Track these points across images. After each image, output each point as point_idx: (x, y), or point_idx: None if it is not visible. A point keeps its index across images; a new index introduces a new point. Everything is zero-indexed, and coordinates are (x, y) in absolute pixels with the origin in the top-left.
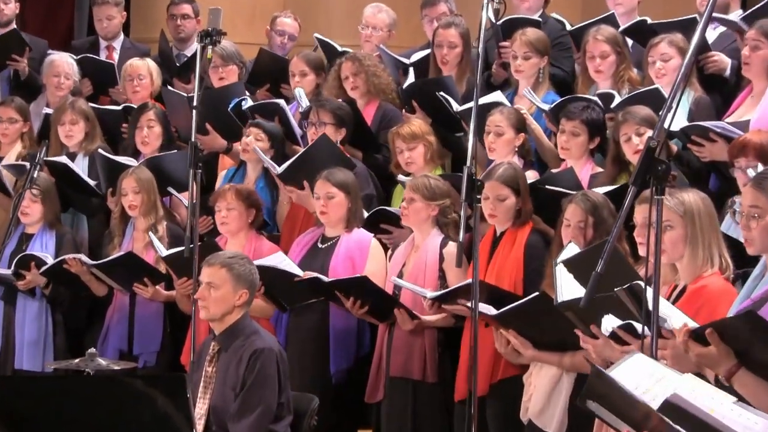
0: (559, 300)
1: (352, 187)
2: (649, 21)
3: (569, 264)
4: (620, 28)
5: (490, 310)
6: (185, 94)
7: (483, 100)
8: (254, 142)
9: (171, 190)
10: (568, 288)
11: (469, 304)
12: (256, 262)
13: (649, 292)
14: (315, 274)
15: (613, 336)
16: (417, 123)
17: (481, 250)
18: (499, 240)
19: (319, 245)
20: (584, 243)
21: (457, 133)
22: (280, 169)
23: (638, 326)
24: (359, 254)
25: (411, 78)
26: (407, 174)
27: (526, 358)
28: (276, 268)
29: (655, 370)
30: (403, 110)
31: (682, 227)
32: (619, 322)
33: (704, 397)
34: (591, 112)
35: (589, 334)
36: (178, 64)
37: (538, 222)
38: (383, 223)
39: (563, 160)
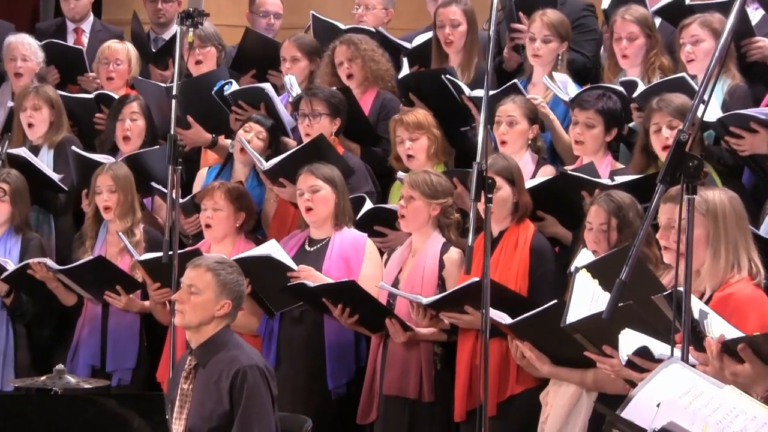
0: (567, 320)
1: (339, 182)
2: (687, 1)
3: (592, 269)
4: (653, 8)
5: (504, 318)
6: (163, 84)
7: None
8: (255, 140)
9: (155, 185)
10: (576, 306)
11: (477, 312)
12: (247, 253)
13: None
14: (310, 269)
15: (630, 364)
16: (423, 112)
17: (478, 254)
18: (498, 241)
19: (307, 248)
20: (608, 248)
21: (462, 127)
22: (266, 165)
23: (659, 348)
24: (354, 254)
25: (405, 68)
26: (407, 170)
27: (543, 373)
28: (270, 258)
29: (692, 385)
30: (401, 104)
31: (704, 227)
32: (633, 347)
33: (745, 417)
34: (607, 100)
35: (602, 355)
36: (153, 49)
37: (553, 223)
38: (378, 225)
39: (578, 156)
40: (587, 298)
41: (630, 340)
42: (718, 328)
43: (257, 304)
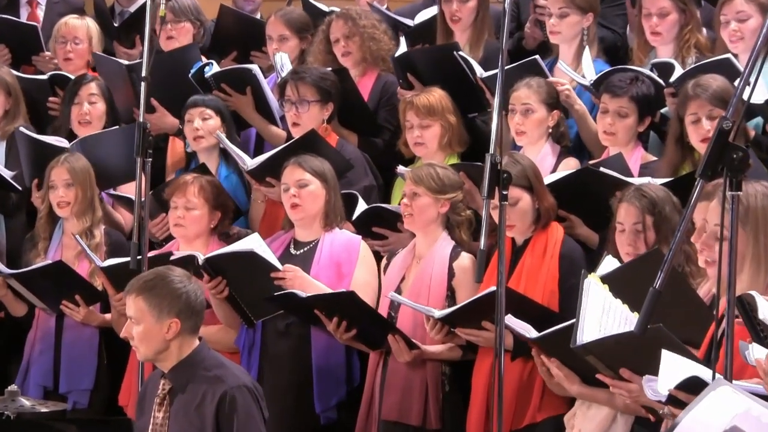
0: (579, 339)
1: (330, 177)
2: None
3: (609, 281)
4: None
5: (528, 330)
6: (125, 62)
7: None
8: (205, 125)
9: (113, 192)
10: (587, 320)
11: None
12: (225, 249)
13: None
14: (296, 269)
15: (672, 400)
16: (438, 94)
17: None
18: (523, 249)
19: (293, 251)
20: (647, 250)
21: (470, 113)
22: (251, 164)
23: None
24: (346, 258)
25: (403, 47)
26: (410, 162)
27: (572, 393)
28: (253, 254)
29: (746, 409)
30: (398, 85)
31: (741, 233)
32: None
33: None
34: (641, 85)
35: (618, 378)
36: (116, 24)
37: (577, 224)
38: (378, 226)
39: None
40: (598, 310)
41: (673, 368)
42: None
43: (235, 311)
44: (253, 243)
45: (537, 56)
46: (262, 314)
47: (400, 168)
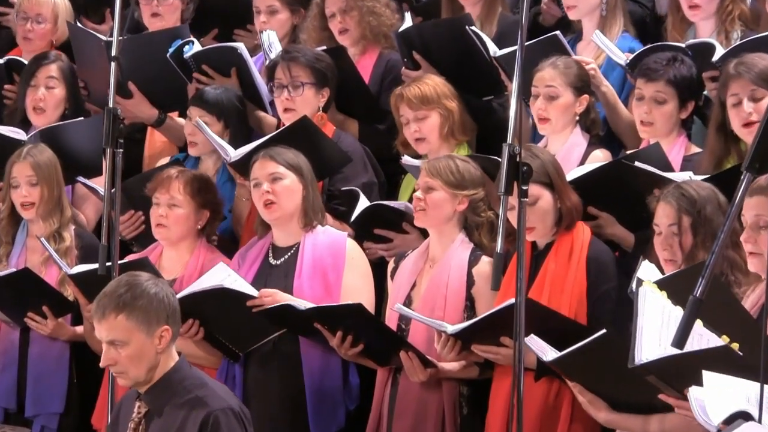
0: (637, 357)
1: (306, 171)
2: None
3: (665, 287)
4: None
5: (544, 351)
6: (104, 38)
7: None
8: (200, 128)
9: (83, 180)
10: (646, 334)
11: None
12: (188, 290)
13: None
14: (274, 292)
15: None
16: (432, 81)
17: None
18: (545, 254)
19: (272, 261)
20: (683, 255)
21: (484, 96)
22: (234, 155)
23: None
24: (332, 264)
25: (408, 21)
26: (417, 156)
27: (600, 422)
28: (222, 289)
29: None
30: (403, 65)
31: None
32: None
33: None
34: (680, 66)
35: (683, 398)
36: None
37: (610, 222)
38: (380, 227)
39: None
40: (656, 321)
41: (720, 393)
42: None
43: (215, 348)
44: (220, 276)
45: (557, 32)
46: (248, 345)
47: (406, 158)
